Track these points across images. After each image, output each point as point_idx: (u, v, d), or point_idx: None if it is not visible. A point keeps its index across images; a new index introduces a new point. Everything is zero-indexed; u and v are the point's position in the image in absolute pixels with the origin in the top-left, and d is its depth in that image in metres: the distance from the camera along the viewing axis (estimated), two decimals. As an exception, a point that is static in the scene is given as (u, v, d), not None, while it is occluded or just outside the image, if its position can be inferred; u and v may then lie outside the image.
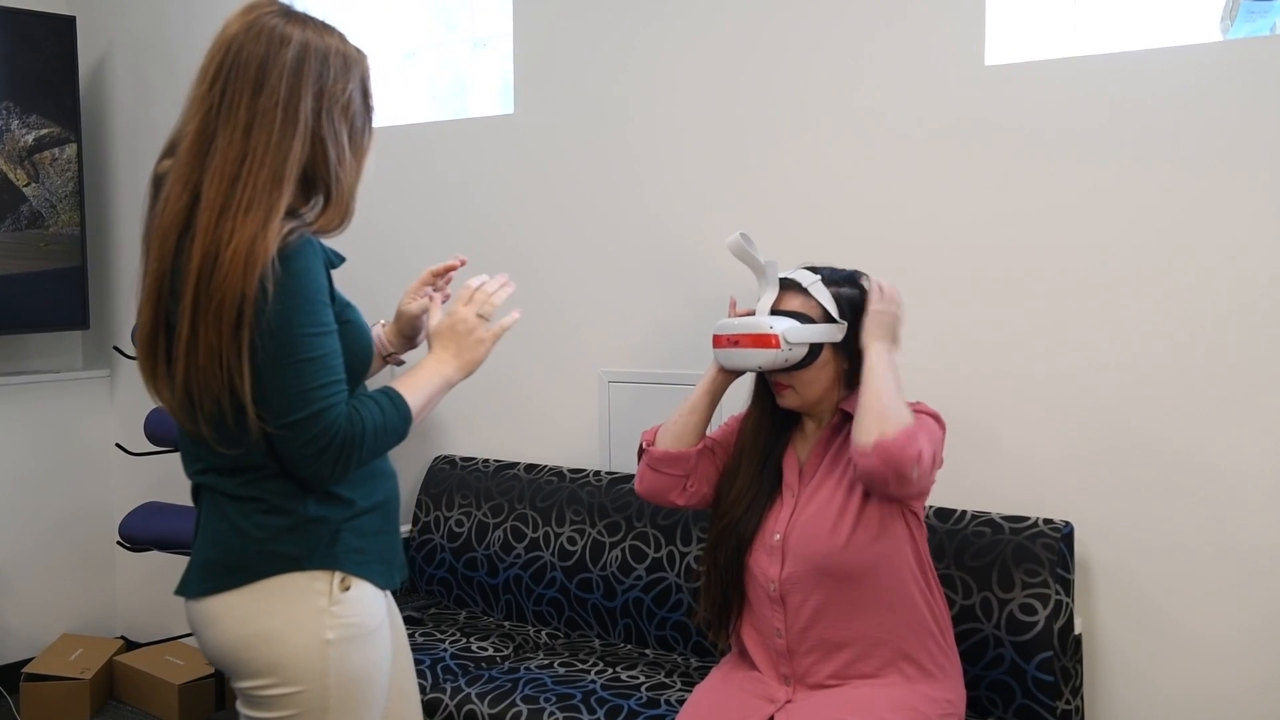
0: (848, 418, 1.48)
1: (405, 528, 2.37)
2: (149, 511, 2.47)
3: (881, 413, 1.35)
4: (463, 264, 1.38)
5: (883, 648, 1.45)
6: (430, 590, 2.32)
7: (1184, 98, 1.62)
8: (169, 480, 2.81)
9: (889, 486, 1.36)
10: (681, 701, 1.72)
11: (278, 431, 1.11)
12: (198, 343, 1.09)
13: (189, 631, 2.76)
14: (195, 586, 1.17)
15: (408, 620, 2.15)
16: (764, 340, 1.43)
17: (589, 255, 2.22)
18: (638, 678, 1.84)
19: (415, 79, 2.64)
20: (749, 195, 2.02)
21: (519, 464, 2.27)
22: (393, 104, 2.67)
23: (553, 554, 2.12)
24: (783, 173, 1.98)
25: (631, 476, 2.10)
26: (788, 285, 1.50)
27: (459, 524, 2.26)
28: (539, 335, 2.30)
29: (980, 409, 1.81)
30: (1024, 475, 1.78)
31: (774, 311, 1.47)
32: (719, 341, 1.51)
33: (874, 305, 1.45)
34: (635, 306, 2.16)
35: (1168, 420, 1.67)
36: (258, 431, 1.11)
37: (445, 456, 2.38)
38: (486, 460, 2.32)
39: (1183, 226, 1.64)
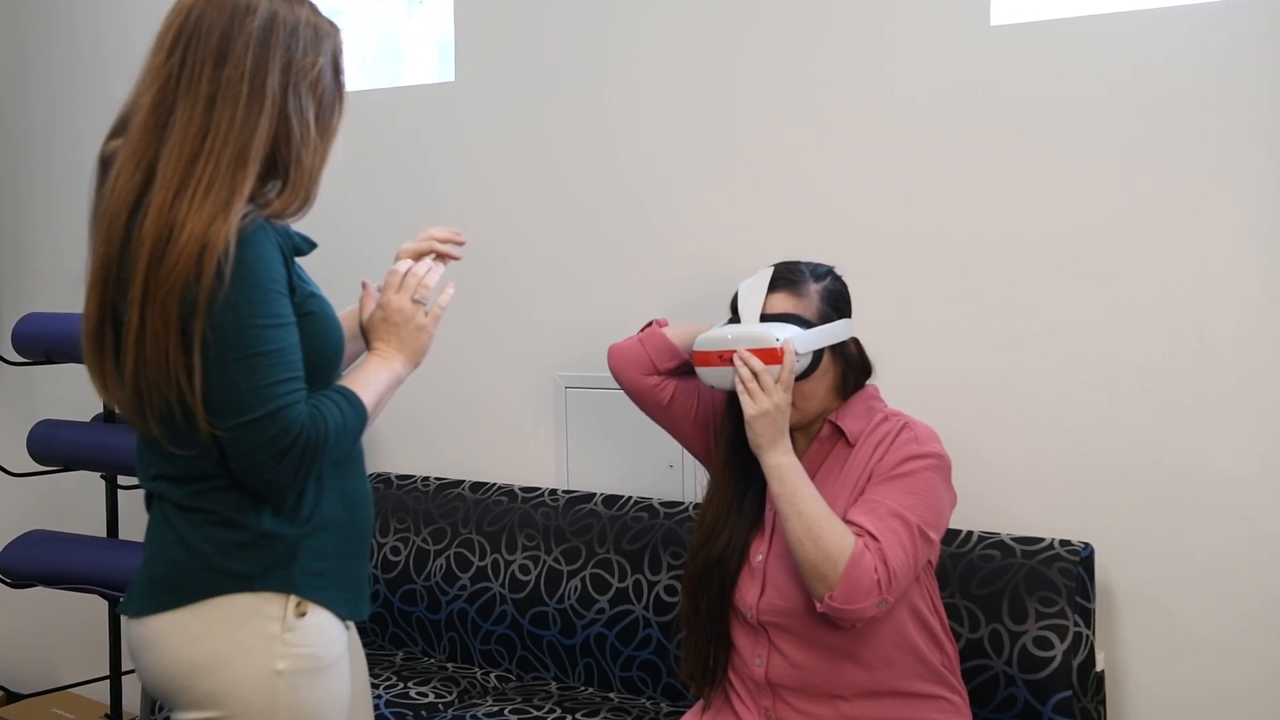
0: (838, 430, 1.47)
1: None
2: (33, 541, 2.37)
3: (813, 566, 1.33)
4: (461, 244, 1.41)
5: (880, 700, 1.43)
6: (361, 627, 2.22)
7: (1213, 60, 1.58)
8: (56, 503, 2.74)
9: (860, 626, 1.37)
10: (653, 757, 1.67)
11: (229, 434, 1.10)
12: (146, 334, 1.08)
13: (79, 680, 2.65)
14: (137, 604, 1.15)
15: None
16: (769, 355, 1.37)
17: (543, 243, 2.19)
18: (601, 727, 1.81)
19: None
20: (727, 175, 1.99)
21: (463, 482, 2.24)
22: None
23: (503, 585, 2.07)
24: (767, 149, 1.94)
25: (590, 496, 2.07)
26: (778, 283, 1.47)
27: (394, 551, 2.22)
28: (486, 335, 2.27)
29: (984, 416, 1.78)
30: (1037, 490, 1.75)
31: (764, 317, 1.44)
32: (707, 359, 1.44)
33: (753, 405, 1.37)
34: (596, 302, 2.13)
35: (1200, 427, 1.64)
36: (206, 436, 1.11)
37: (378, 474, 2.35)
38: (426, 478, 2.29)
39: (1214, 207, 1.60)
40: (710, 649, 1.48)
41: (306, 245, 1.21)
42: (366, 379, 1.21)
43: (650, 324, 1.62)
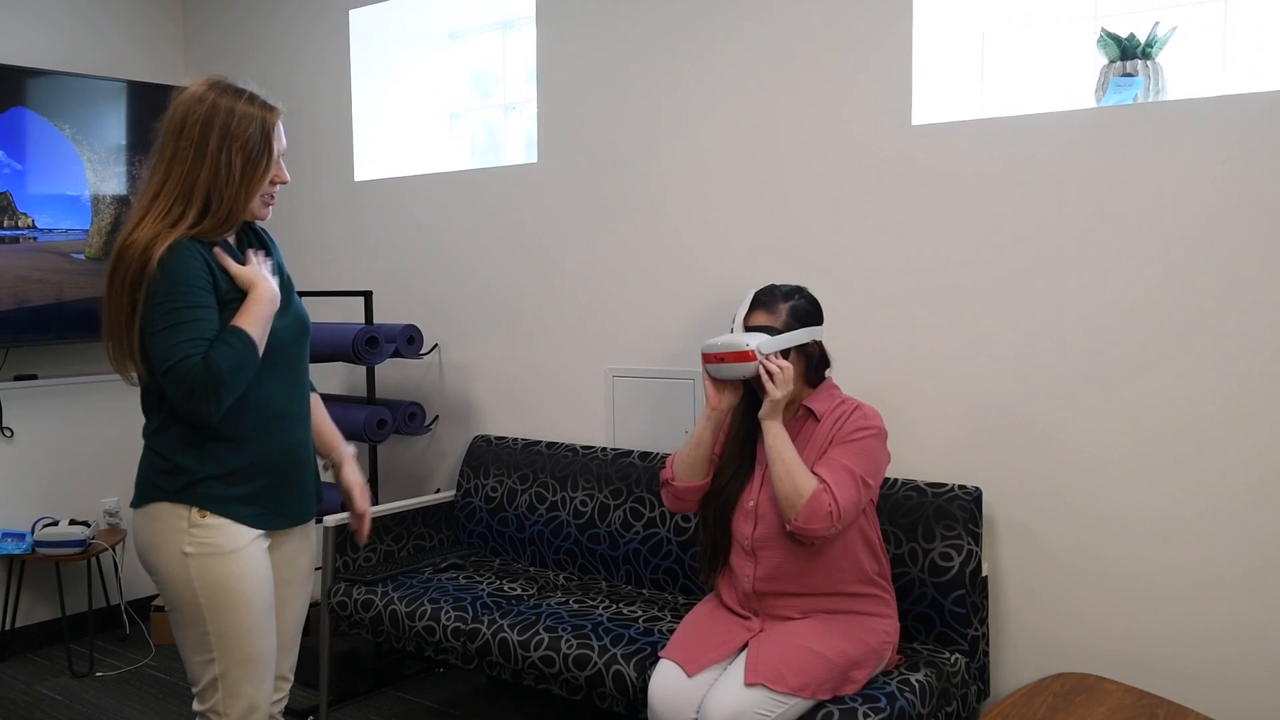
0: (810, 412, 1.54)
1: (449, 493, 2.39)
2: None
3: (785, 496, 1.40)
4: None
5: (835, 595, 1.52)
6: (471, 543, 2.35)
7: (1067, 150, 1.67)
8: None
9: (818, 544, 1.43)
10: (672, 631, 1.75)
11: (161, 380, 1.21)
12: (111, 311, 1.24)
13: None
14: (132, 500, 1.32)
15: (452, 567, 2.18)
16: (743, 356, 1.46)
17: (596, 274, 2.25)
18: (636, 611, 1.86)
19: (459, 136, 2.69)
20: (727, 229, 2.06)
21: (542, 442, 2.30)
22: (441, 156, 2.69)
23: (568, 514, 2.14)
24: (756, 212, 2.01)
25: (630, 452, 2.16)
26: (755, 304, 1.55)
27: (494, 490, 2.28)
28: (558, 339, 2.33)
29: (909, 399, 1.85)
30: (943, 451, 1.82)
31: (746, 327, 1.51)
32: (708, 359, 1.51)
33: (777, 391, 1.43)
34: (635, 315, 2.19)
35: (1055, 406, 1.71)
36: (148, 382, 1.25)
37: (483, 436, 2.41)
38: (516, 439, 2.34)
39: (1067, 250, 1.70)
40: (713, 546, 1.56)
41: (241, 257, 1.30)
42: (253, 317, 1.25)
43: (663, 481, 1.58)
